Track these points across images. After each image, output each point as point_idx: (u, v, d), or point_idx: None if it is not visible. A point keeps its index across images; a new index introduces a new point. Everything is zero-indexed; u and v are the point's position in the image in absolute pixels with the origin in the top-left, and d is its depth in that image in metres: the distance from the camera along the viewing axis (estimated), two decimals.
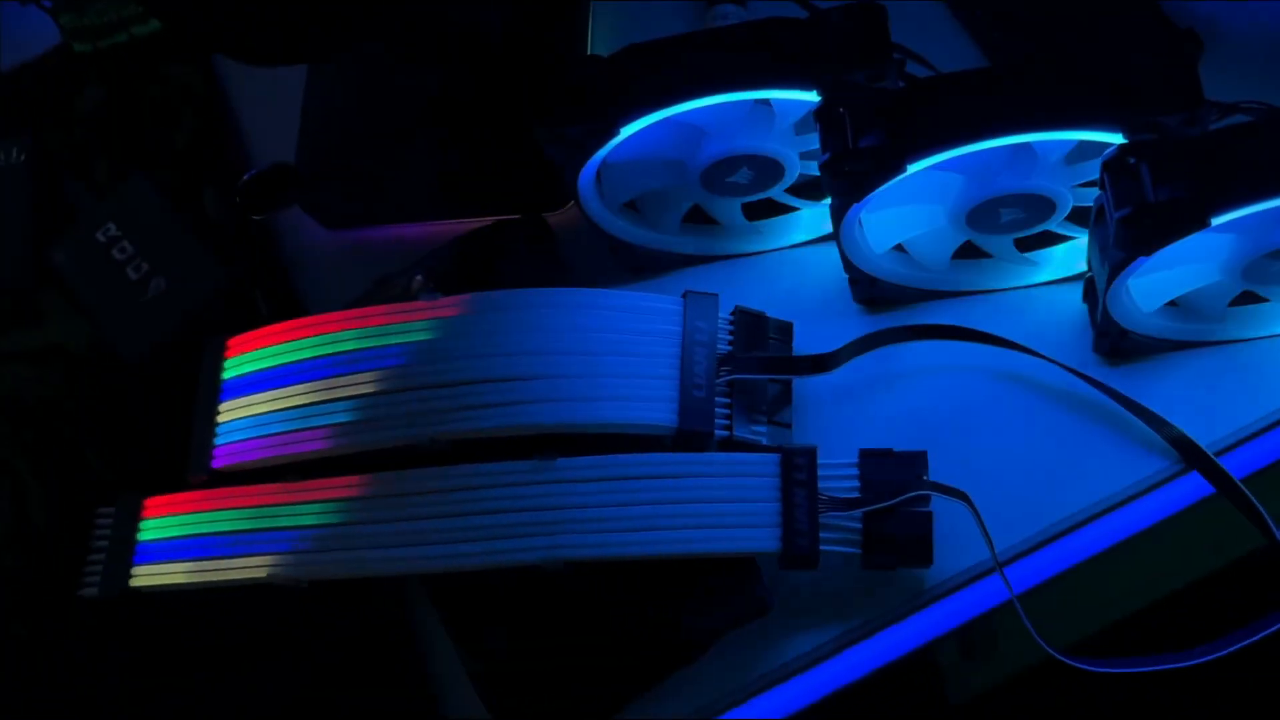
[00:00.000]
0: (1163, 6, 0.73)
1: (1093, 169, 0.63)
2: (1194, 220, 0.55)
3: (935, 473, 0.63)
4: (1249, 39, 0.67)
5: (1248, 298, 0.66)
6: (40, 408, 0.79)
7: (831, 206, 0.64)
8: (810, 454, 0.64)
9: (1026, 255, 0.69)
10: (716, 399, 0.66)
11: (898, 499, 0.62)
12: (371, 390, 0.67)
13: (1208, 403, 0.66)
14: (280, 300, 0.80)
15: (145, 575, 0.69)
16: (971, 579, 0.65)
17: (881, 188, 0.61)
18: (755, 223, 0.74)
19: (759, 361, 0.67)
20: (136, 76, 0.87)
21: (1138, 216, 0.55)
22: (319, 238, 0.81)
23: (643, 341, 0.66)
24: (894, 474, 0.64)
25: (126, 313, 0.79)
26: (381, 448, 0.66)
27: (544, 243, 0.75)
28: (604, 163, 0.67)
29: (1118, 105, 0.57)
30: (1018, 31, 0.73)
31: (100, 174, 0.85)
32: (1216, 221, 0.55)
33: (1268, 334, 0.67)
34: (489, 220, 0.76)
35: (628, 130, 0.63)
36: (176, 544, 0.69)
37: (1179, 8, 0.72)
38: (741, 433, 0.66)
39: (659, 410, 0.65)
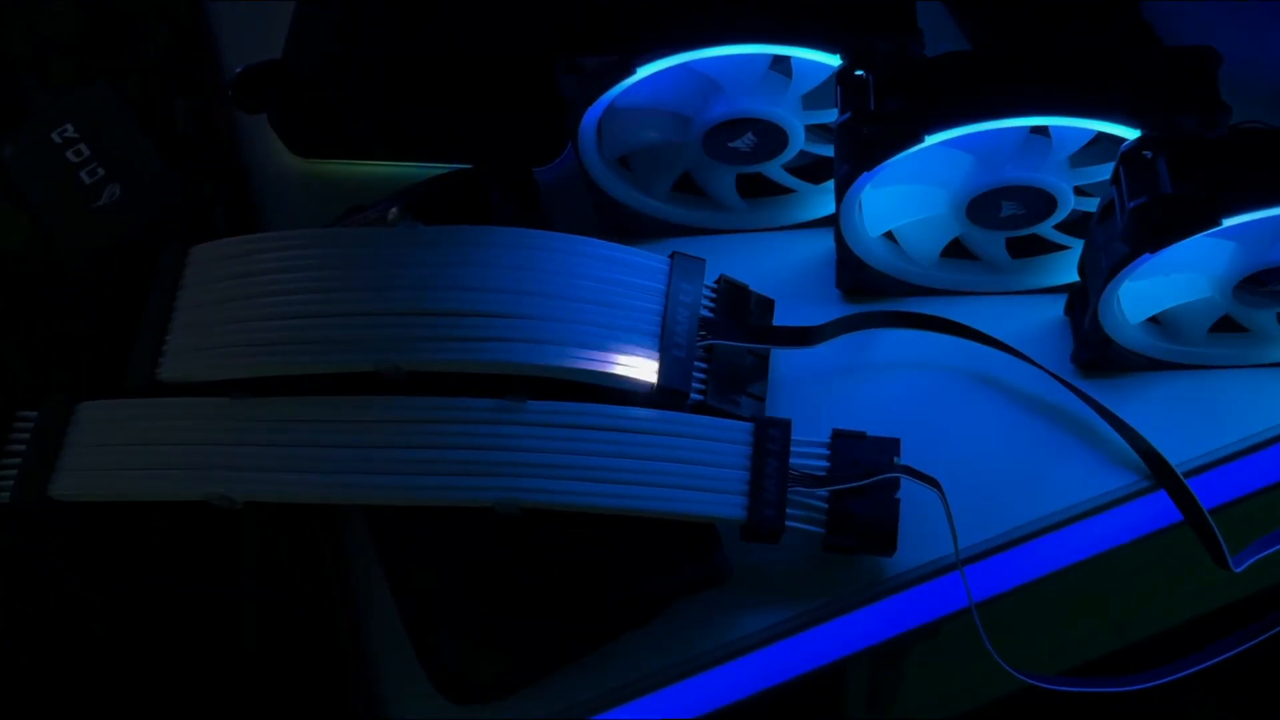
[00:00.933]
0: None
1: (1094, 174, 0.64)
2: (1206, 217, 0.55)
3: (905, 464, 0.62)
4: (1244, 71, 0.68)
5: (1227, 325, 0.67)
6: None
7: (838, 175, 0.63)
8: (784, 426, 0.62)
9: (1014, 260, 0.69)
10: (694, 362, 0.64)
11: (869, 480, 0.61)
12: (336, 311, 0.64)
13: (1177, 425, 0.66)
14: (241, 221, 0.76)
15: (68, 483, 0.64)
16: (931, 574, 0.64)
17: (891, 160, 0.60)
18: (745, 199, 0.73)
19: (741, 329, 0.66)
20: None
21: (1152, 207, 0.56)
22: (288, 164, 0.78)
23: (626, 294, 0.65)
24: (866, 456, 0.63)
25: (75, 217, 0.75)
26: (342, 371, 0.63)
27: (527, 193, 0.73)
28: (610, 107, 0.65)
29: (1139, 100, 0.58)
30: (1016, 36, 0.75)
31: (63, 75, 0.81)
32: (1227, 223, 0.56)
33: (1242, 364, 0.68)
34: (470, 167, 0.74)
35: (644, 70, 0.62)
36: (106, 452, 0.65)
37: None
38: (716, 399, 0.64)
39: (636, 364, 0.63)
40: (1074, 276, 0.68)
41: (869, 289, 0.70)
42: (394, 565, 0.65)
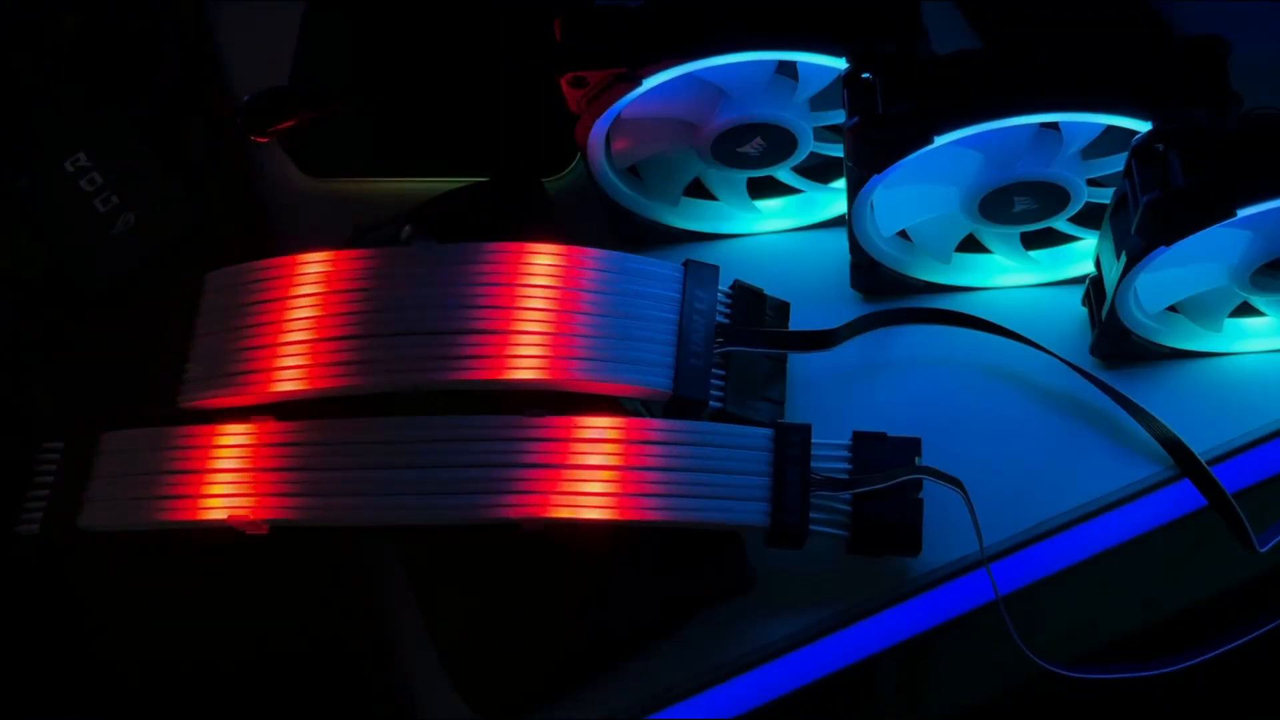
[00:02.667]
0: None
1: (1106, 165, 0.64)
2: (1220, 209, 0.55)
3: (927, 463, 0.62)
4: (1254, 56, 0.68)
5: (1246, 311, 0.66)
6: None
7: (849, 178, 0.63)
8: (804, 431, 0.62)
9: (1029, 254, 0.69)
10: (712, 370, 0.64)
11: (891, 482, 0.61)
12: (355, 333, 0.64)
13: (1198, 413, 0.66)
14: (254, 244, 0.77)
15: (95, 513, 0.65)
16: (957, 573, 0.64)
17: (902, 161, 0.60)
18: (756, 202, 0.73)
19: (757, 335, 0.66)
20: (118, 8, 0.84)
21: (1165, 201, 0.55)
22: (299, 184, 0.79)
23: (641, 304, 0.65)
24: (887, 458, 0.62)
25: (92, 246, 0.75)
26: (361, 393, 0.64)
27: (538, 206, 0.73)
28: (617, 118, 0.65)
29: (1149, 93, 0.57)
30: (1025, 29, 0.74)
31: (72, 103, 0.81)
32: (1242, 213, 0.55)
33: (1262, 349, 0.67)
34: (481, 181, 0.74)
35: (651, 81, 0.62)
36: (132, 481, 0.65)
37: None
38: (735, 406, 0.65)
39: (654, 374, 0.63)
40: (1090, 267, 0.67)
41: (884, 288, 0.70)
42: (421, 582, 0.65)
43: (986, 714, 0.88)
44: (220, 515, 0.63)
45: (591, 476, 0.61)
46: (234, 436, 0.64)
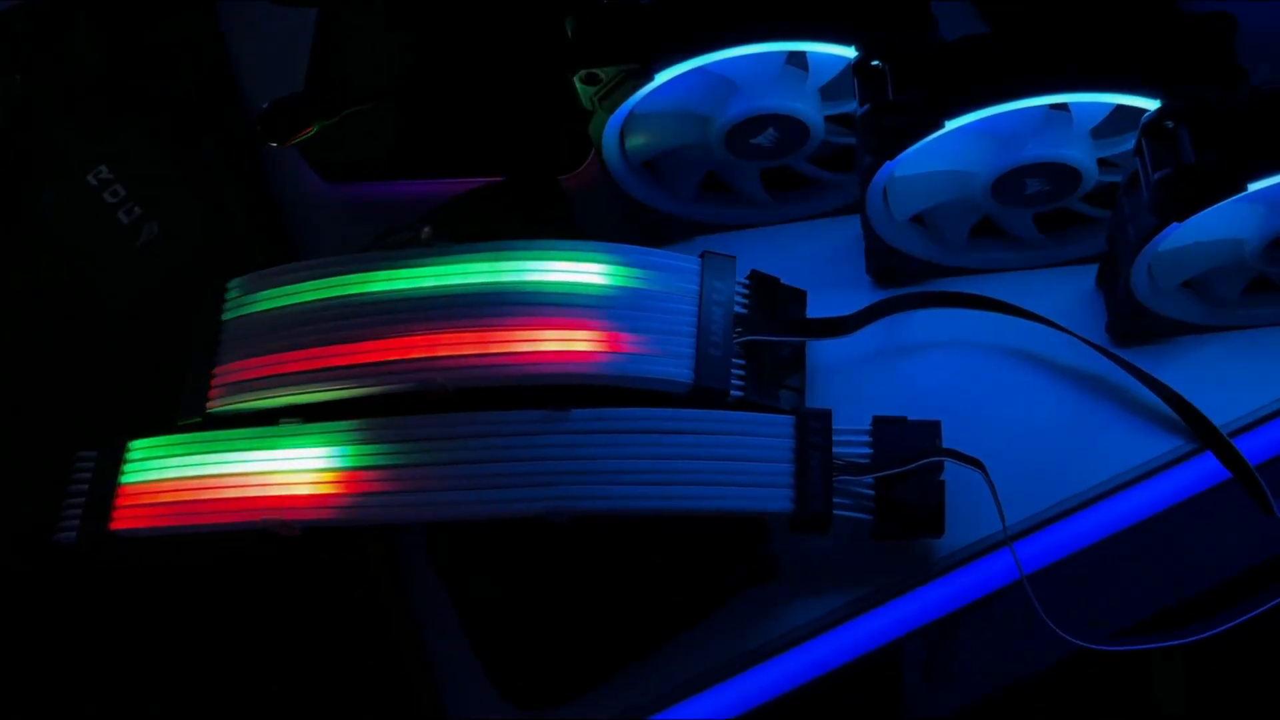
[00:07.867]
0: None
1: (1117, 145, 0.64)
2: (1231, 184, 0.55)
3: (947, 445, 0.63)
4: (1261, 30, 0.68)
5: (1261, 285, 0.67)
6: (16, 349, 0.76)
7: (861, 166, 0.63)
8: (825, 417, 0.63)
9: (1043, 235, 0.70)
10: (732, 360, 0.65)
11: (912, 465, 0.62)
12: (377, 335, 0.65)
13: (1216, 387, 0.67)
14: (276, 249, 0.78)
15: (129, 519, 0.66)
16: (981, 552, 0.65)
17: (913, 147, 0.60)
18: (771, 192, 0.73)
19: (776, 323, 0.67)
20: (135, 24, 0.85)
21: (1175, 179, 0.56)
22: (318, 190, 0.80)
23: (660, 298, 0.65)
24: (908, 441, 0.63)
25: (116, 258, 0.77)
26: (387, 394, 0.64)
27: (555, 204, 0.74)
28: (630, 113, 0.66)
29: (1158, 71, 0.58)
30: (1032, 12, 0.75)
31: (93, 117, 0.82)
32: (1252, 188, 0.56)
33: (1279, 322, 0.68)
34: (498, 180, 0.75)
35: (662, 76, 0.62)
36: (164, 487, 0.66)
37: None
38: (756, 395, 0.65)
39: (675, 365, 0.64)
40: (1104, 246, 0.68)
41: (900, 273, 0.71)
42: (453, 577, 0.66)
43: (1016, 692, 0.89)
44: (252, 518, 0.64)
45: (616, 468, 0.62)
46: (263, 440, 0.66)
